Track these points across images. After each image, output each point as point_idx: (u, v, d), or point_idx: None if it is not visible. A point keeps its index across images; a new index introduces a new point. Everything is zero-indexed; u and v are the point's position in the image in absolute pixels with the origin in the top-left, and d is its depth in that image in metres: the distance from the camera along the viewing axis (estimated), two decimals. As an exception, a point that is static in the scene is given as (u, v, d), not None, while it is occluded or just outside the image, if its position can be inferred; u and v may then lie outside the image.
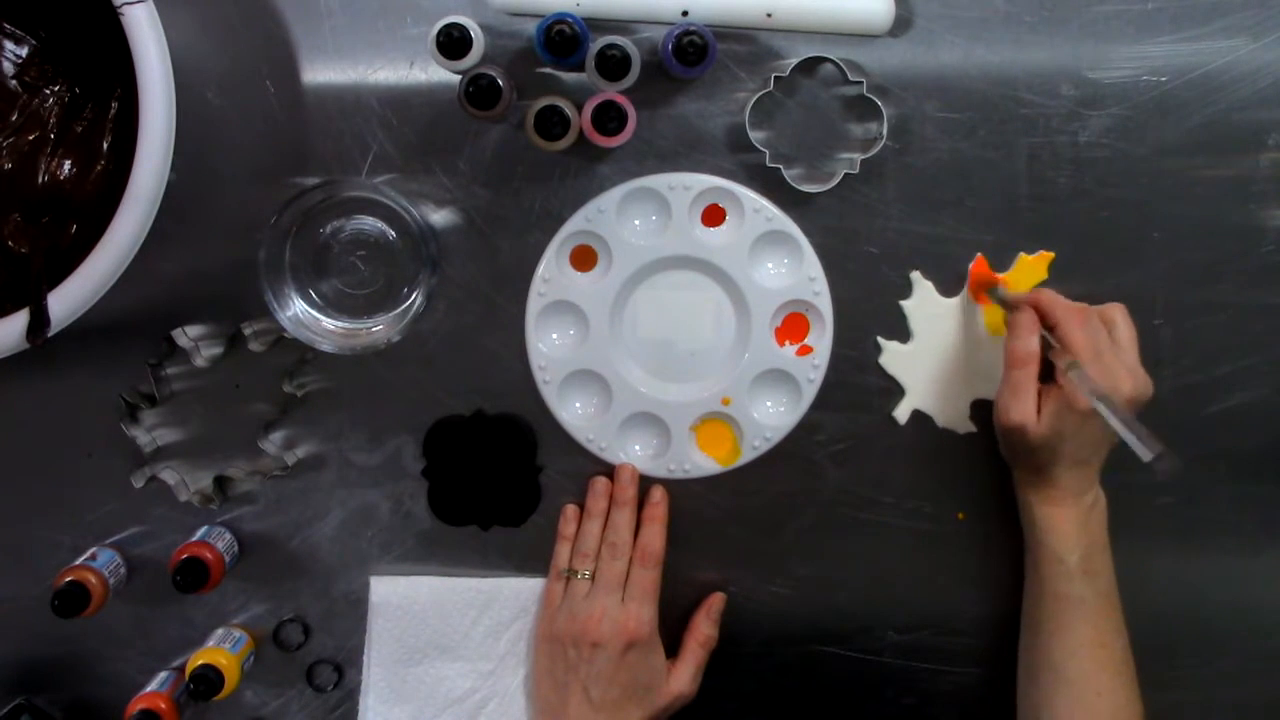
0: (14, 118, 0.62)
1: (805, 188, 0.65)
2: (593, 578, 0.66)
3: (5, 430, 0.68)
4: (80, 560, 0.66)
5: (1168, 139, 0.65)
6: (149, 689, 0.67)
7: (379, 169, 0.65)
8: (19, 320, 0.58)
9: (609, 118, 0.59)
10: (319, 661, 0.70)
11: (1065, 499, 0.62)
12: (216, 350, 0.66)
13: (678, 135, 0.65)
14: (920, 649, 0.70)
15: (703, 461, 0.68)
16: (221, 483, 0.68)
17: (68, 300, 0.57)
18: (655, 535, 0.67)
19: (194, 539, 0.67)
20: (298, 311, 0.65)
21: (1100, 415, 0.55)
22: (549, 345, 0.67)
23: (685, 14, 0.61)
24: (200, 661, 0.65)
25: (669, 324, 0.67)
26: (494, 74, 0.57)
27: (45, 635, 0.69)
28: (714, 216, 0.66)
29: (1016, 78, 0.64)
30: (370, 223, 0.65)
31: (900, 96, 0.64)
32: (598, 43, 0.57)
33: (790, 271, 0.66)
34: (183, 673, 0.66)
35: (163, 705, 0.64)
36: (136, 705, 0.64)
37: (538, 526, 0.69)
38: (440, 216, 0.66)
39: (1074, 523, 0.62)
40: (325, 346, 0.64)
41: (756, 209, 0.65)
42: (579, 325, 0.67)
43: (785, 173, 0.64)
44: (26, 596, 0.68)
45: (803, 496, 0.69)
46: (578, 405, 0.68)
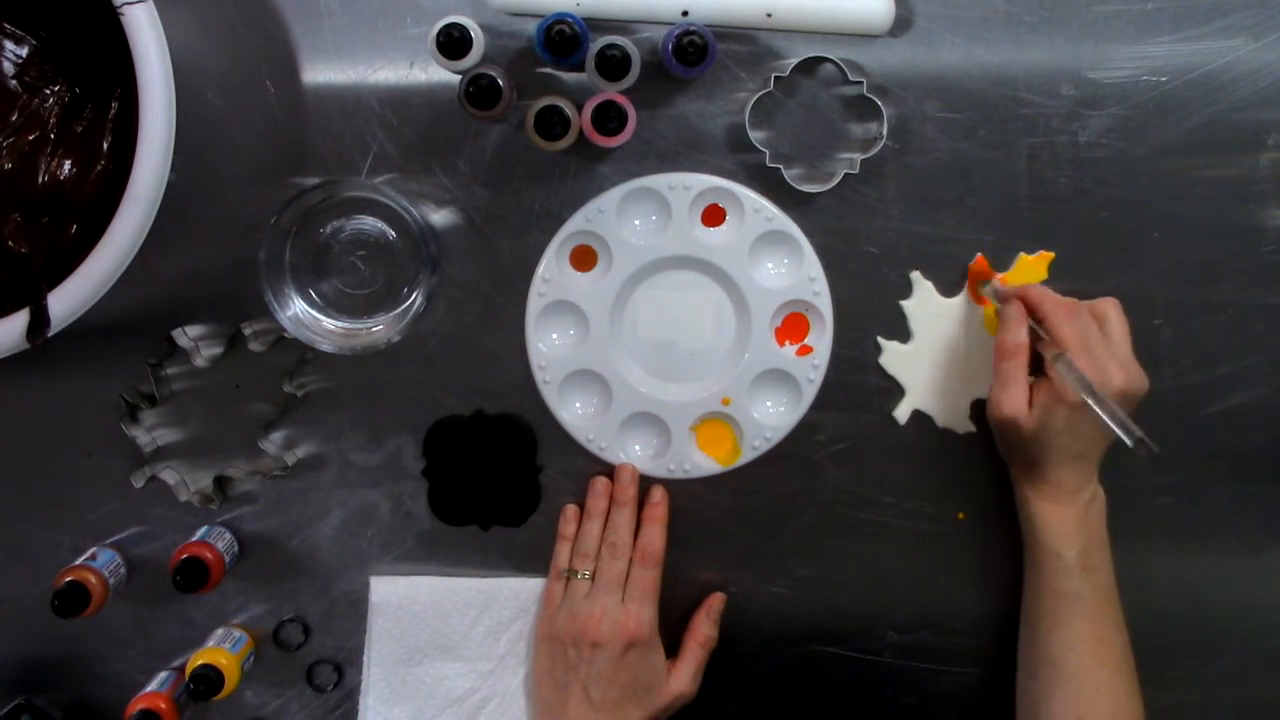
0: (14, 118, 0.62)
1: (805, 188, 0.65)
2: (593, 578, 0.66)
3: (5, 430, 0.68)
4: (80, 560, 0.66)
5: (1168, 139, 0.65)
6: (149, 689, 0.67)
7: (379, 169, 0.65)
8: (19, 320, 0.58)
9: (609, 118, 0.59)
10: (319, 661, 0.70)
11: (1062, 495, 0.62)
12: (216, 350, 0.66)
13: (678, 135, 0.65)
14: (920, 649, 0.70)
15: (703, 461, 0.68)
16: (221, 483, 0.68)
17: (68, 300, 0.57)
18: (655, 535, 0.67)
19: (194, 539, 0.67)
20: (298, 311, 0.65)
21: (1091, 409, 0.55)
22: (549, 345, 0.67)
23: (685, 14, 0.61)
24: (200, 661, 0.65)
25: (669, 324, 0.67)
26: (494, 74, 0.57)
27: (45, 635, 0.69)
28: (714, 216, 0.66)
29: (1016, 78, 0.64)
30: (370, 223, 0.65)
31: (900, 96, 0.64)
32: (598, 43, 0.57)
33: (790, 271, 0.66)
34: (183, 673, 0.66)
35: (163, 705, 0.64)
36: (136, 705, 0.64)
37: (538, 526, 0.69)
38: (440, 216, 0.66)
39: (1071, 519, 0.62)
40: (325, 346, 0.64)
41: (756, 209, 0.65)
42: (579, 325, 0.67)
43: (785, 173, 0.64)
44: (26, 596, 0.68)
45: (803, 496, 0.69)
46: (578, 405, 0.68)
